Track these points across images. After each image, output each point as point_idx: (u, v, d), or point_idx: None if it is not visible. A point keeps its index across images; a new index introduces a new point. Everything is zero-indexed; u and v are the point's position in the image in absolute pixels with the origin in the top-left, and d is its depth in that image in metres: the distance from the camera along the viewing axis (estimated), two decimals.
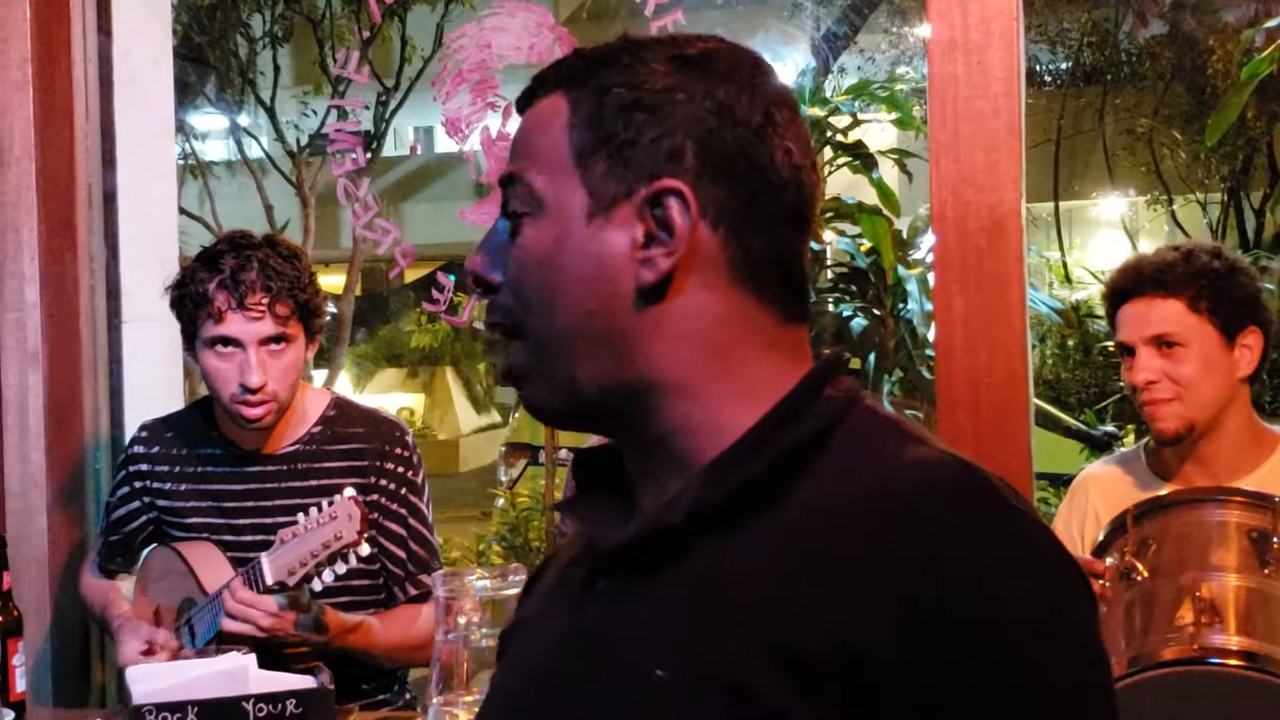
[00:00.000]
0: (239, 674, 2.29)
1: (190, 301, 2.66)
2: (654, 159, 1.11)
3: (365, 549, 2.46)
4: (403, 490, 2.79)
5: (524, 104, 1.19)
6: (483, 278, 1.17)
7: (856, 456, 1.10)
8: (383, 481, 2.77)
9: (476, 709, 1.75)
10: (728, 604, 1.06)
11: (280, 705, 2.21)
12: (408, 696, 2.89)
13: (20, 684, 2.51)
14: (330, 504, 2.43)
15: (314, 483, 2.75)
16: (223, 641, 2.53)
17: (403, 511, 2.78)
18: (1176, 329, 2.47)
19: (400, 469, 2.79)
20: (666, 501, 1.12)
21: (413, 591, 2.76)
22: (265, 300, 2.64)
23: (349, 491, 2.47)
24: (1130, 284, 2.53)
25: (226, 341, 2.64)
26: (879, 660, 0.99)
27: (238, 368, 2.65)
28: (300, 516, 2.45)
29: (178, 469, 2.84)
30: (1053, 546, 1.08)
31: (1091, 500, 2.63)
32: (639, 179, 1.11)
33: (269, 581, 2.46)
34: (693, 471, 1.12)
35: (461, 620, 1.90)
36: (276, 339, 2.66)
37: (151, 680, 2.28)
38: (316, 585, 2.47)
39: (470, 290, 1.23)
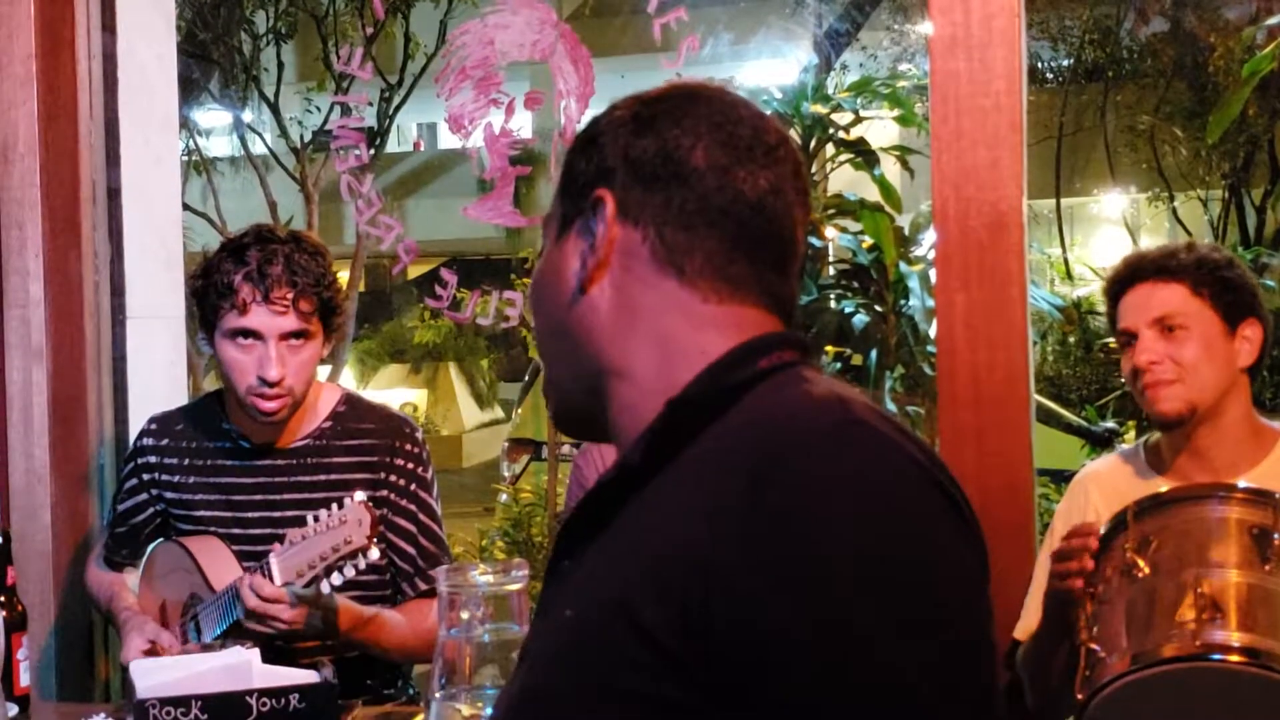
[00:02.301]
0: (243, 668, 2.30)
1: (214, 291, 2.67)
2: (591, 178, 1.28)
3: (374, 554, 2.47)
4: (413, 486, 2.79)
5: None
6: None
7: (755, 407, 1.17)
8: (393, 478, 2.77)
9: (479, 704, 1.76)
10: (626, 545, 1.15)
11: (284, 700, 2.22)
12: (411, 692, 2.89)
13: (25, 678, 2.52)
14: (340, 508, 2.44)
15: (324, 478, 2.76)
16: (230, 637, 2.54)
17: (412, 508, 2.79)
18: (1179, 310, 2.48)
19: (410, 465, 2.80)
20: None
21: (423, 587, 2.76)
22: (290, 295, 2.65)
23: (359, 496, 2.47)
24: (1132, 272, 2.54)
25: (248, 334, 2.66)
26: (726, 576, 1.05)
27: (257, 360, 2.66)
28: (309, 519, 2.45)
29: (187, 462, 2.85)
30: (896, 456, 1.12)
31: (1092, 497, 2.63)
32: (583, 198, 1.28)
33: (277, 582, 2.47)
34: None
35: (464, 616, 1.90)
36: (298, 334, 2.67)
37: (156, 674, 2.28)
38: (325, 588, 2.48)
39: None
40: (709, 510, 1.08)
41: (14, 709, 2.47)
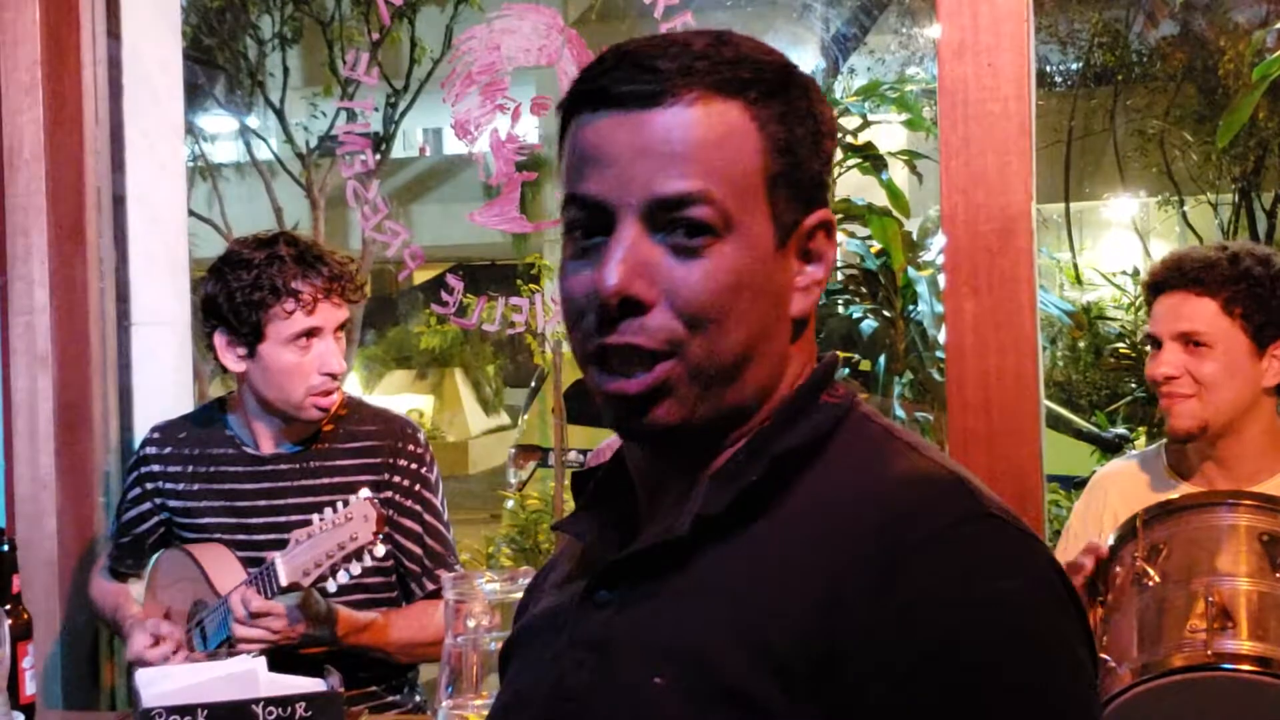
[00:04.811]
0: (249, 677, 2.28)
1: (270, 295, 2.65)
2: (815, 190, 1.14)
3: (381, 550, 2.46)
4: (417, 487, 2.79)
5: (650, 95, 1.11)
6: (636, 296, 1.11)
7: (849, 464, 1.11)
8: (396, 479, 2.77)
9: (485, 712, 1.75)
10: (724, 610, 1.07)
11: (290, 708, 2.21)
12: (418, 699, 2.88)
13: (30, 687, 2.51)
14: (345, 505, 2.44)
15: (327, 481, 2.76)
16: (234, 644, 2.53)
17: (417, 508, 2.79)
18: (1205, 329, 2.44)
19: (414, 466, 2.79)
20: (673, 514, 1.14)
21: (430, 587, 2.76)
22: (341, 285, 2.70)
23: (364, 492, 2.47)
24: (1167, 277, 2.51)
25: (311, 332, 2.66)
26: (856, 662, 1.01)
27: (317, 357, 2.68)
28: (315, 517, 2.45)
29: (191, 469, 2.85)
30: (1032, 554, 1.08)
31: (1110, 498, 2.61)
32: (806, 210, 1.14)
33: (283, 583, 2.46)
34: (702, 478, 1.14)
35: (471, 623, 1.89)
36: (343, 324, 2.71)
37: (161, 683, 2.27)
38: (331, 586, 2.47)
39: (604, 310, 1.12)
40: (832, 597, 1.03)
41: (19, 717, 2.46)
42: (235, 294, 2.66)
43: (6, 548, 2.54)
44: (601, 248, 1.12)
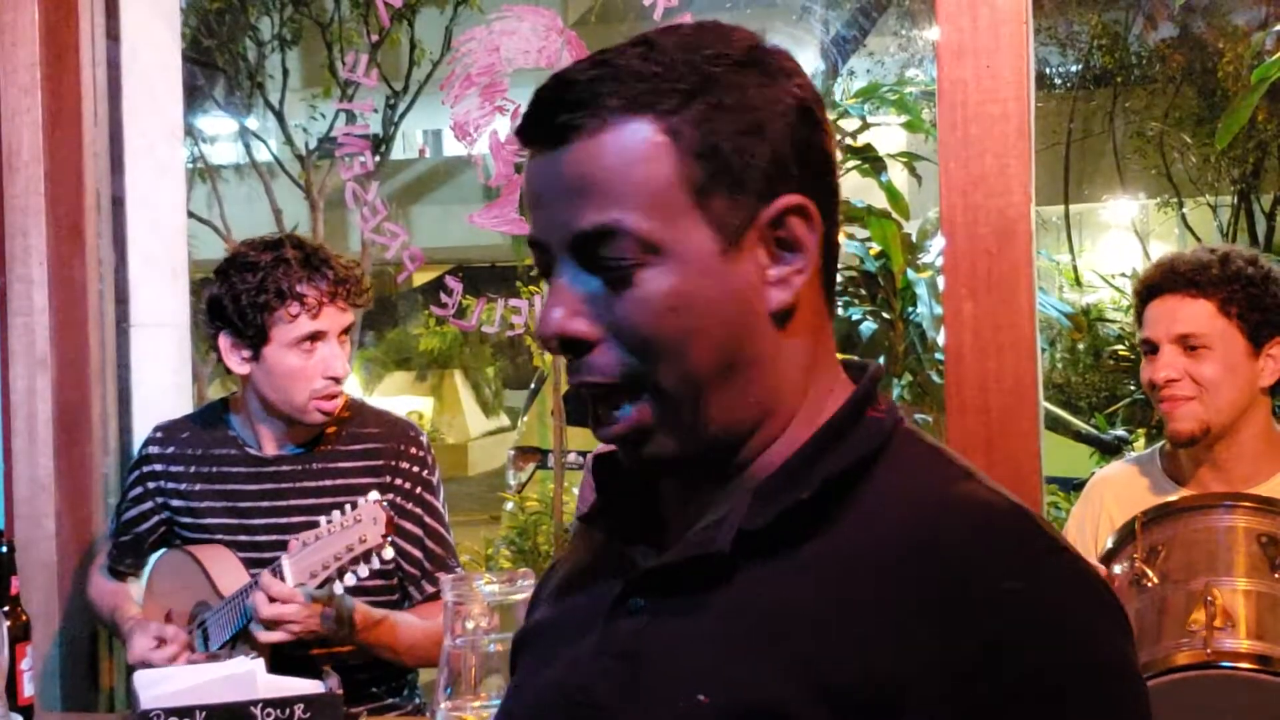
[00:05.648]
0: (247, 678, 2.29)
1: (275, 299, 2.66)
2: (768, 178, 1.08)
3: (389, 552, 2.47)
4: (418, 490, 2.79)
5: (566, 130, 1.09)
6: (574, 337, 1.09)
7: (902, 487, 1.08)
8: (398, 481, 2.77)
9: (484, 714, 1.74)
10: (771, 632, 1.04)
11: (288, 710, 2.21)
12: (417, 700, 2.88)
13: (28, 688, 2.51)
14: (354, 507, 2.44)
15: (330, 483, 2.76)
16: (242, 642, 2.53)
17: (419, 511, 2.79)
18: (1203, 330, 2.45)
19: (415, 469, 2.80)
20: (711, 523, 1.11)
21: (430, 590, 2.76)
22: (346, 289, 2.71)
23: (374, 495, 2.48)
24: (1162, 281, 2.51)
25: (315, 336, 2.67)
26: (919, 700, 0.98)
27: (322, 361, 2.68)
28: (322, 519, 2.45)
29: (193, 470, 2.85)
30: (1104, 587, 1.07)
31: (1106, 503, 2.62)
32: (759, 202, 1.08)
33: (290, 584, 2.46)
34: (741, 489, 1.11)
35: (470, 625, 1.89)
36: (347, 328, 2.72)
37: (160, 685, 2.27)
38: (338, 588, 2.47)
39: (553, 352, 1.11)
40: (902, 637, 0.99)
41: (18, 719, 2.46)
42: (240, 296, 2.67)
43: (5, 549, 2.54)
44: None
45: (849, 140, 7.59)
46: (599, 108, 1.08)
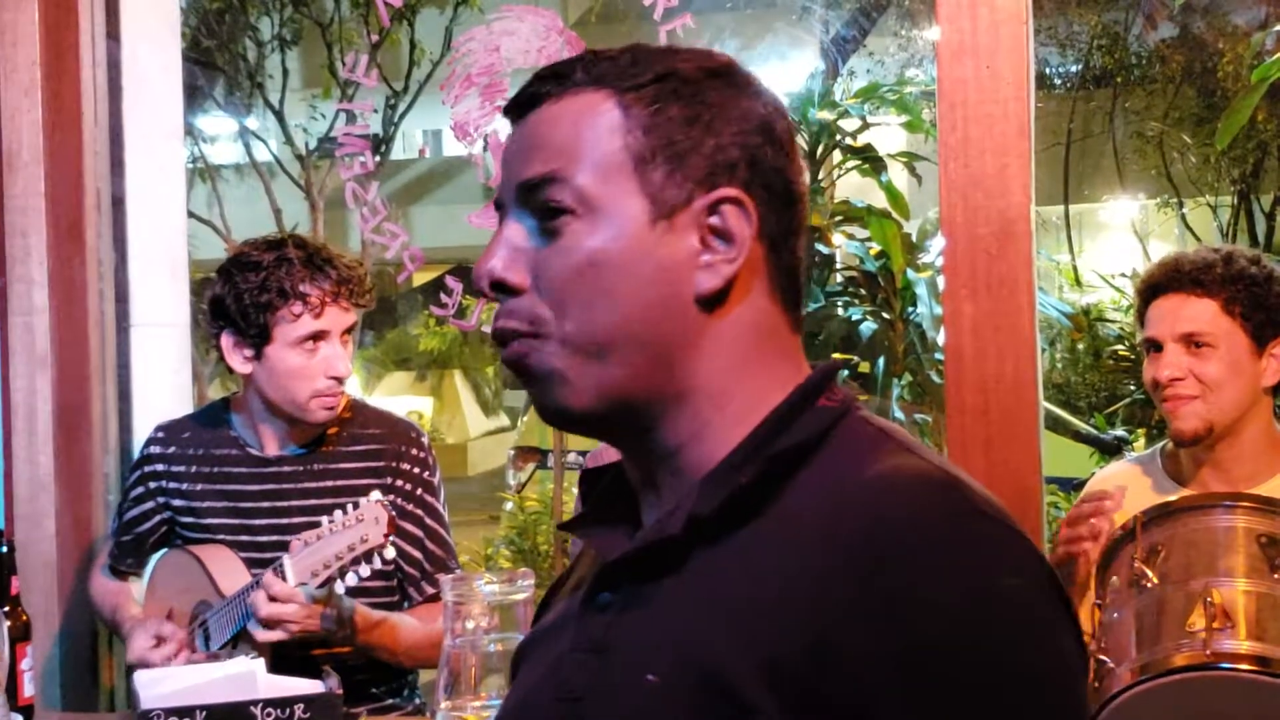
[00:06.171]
0: (248, 678, 2.29)
1: (277, 298, 2.66)
2: (712, 168, 1.13)
3: (391, 552, 2.47)
4: (419, 490, 2.79)
5: (535, 98, 1.17)
6: (504, 281, 1.15)
7: (840, 465, 1.11)
8: (399, 482, 2.78)
9: (484, 713, 1.75)
10: (716, 608, 1.08)
11: (288, 710, 2.21)
12: (417, 701, 2.88)
13: (29, 688, 2.51)
14: (356, 507, 2.44)
15: (331, 484, 2.76)
16: (242, 642, 2.53)
17: (419, 512, 2.79)
18: (1207, 329, 2.45)
19: (416, 469, 2.80)
20: (665, 514, 1.15)
21: (430, 591, 2.76)
22: (349, 289, 2.70)
23: (375, 495, 2.48)
24: (1166, 280, 2.51)
25: (318, 336, 2.67)
26: (845, 655, 1.01)
27: (324, 361, 2.68)
28: (324, 519, 2.46)
29: (195, 469, 2.85)
30: (1023, 554, 1.08)
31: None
32: (698, 187, 1.13)
33: (291, 583, 2.47)
34: (692, 481, 1.14)
35: (469, 625, 1.89)
36: (350, 328, 2.72)
37: (160, 684, 2.28)
38: (339, 588, 2.48)
39: (481, 294, 1.16)
40: (821, 593, 1.03)
41: (18, 718, 2.46)
42: (243, 295, 2.67)
43: (5, 549, 2.54)
44: None
45: (849, 140, 7.60)
46: (566, 80, 1.16)
